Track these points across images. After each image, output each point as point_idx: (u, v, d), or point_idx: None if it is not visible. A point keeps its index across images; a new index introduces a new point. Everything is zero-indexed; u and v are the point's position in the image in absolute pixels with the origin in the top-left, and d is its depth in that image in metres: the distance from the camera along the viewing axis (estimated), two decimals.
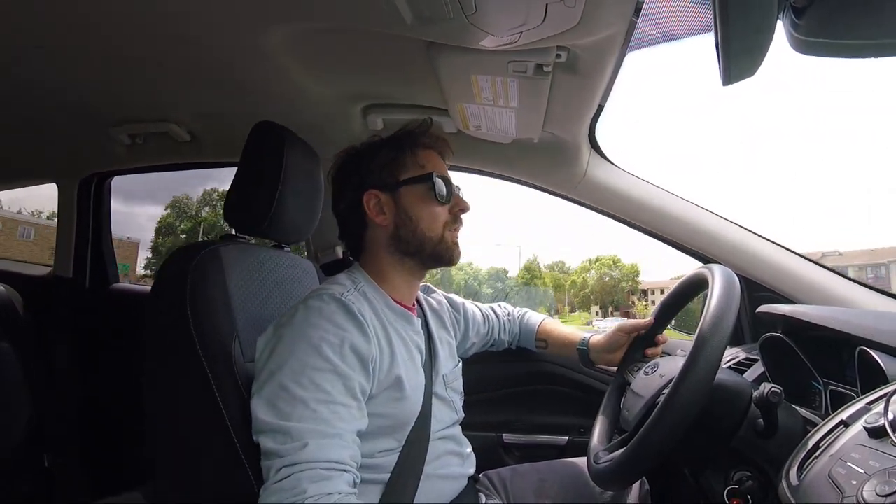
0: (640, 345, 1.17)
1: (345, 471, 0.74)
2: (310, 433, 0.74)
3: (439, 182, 0.99)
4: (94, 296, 2.09)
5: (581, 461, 1.12)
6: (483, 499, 1.08)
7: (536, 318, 1.35)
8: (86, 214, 2.08)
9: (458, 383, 1.11)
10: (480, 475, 1.17)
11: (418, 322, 1.03)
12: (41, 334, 1.90)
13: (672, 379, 0.78)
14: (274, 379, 0.78)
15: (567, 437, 1.62)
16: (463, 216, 1.04)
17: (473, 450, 1.11)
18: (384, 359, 0.88)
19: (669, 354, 1.13)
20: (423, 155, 1.02)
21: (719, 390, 0.81)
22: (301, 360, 0.79)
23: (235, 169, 1.10)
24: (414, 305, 1.07)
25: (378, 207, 0.99)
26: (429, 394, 0.98)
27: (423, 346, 1.01)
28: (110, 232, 2.21)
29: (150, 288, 1.01)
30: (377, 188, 0.99)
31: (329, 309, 0.84)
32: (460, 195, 1.04)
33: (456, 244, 1.03)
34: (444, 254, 1.01)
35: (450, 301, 1.23)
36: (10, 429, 1.66)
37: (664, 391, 0.88)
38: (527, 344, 1.34)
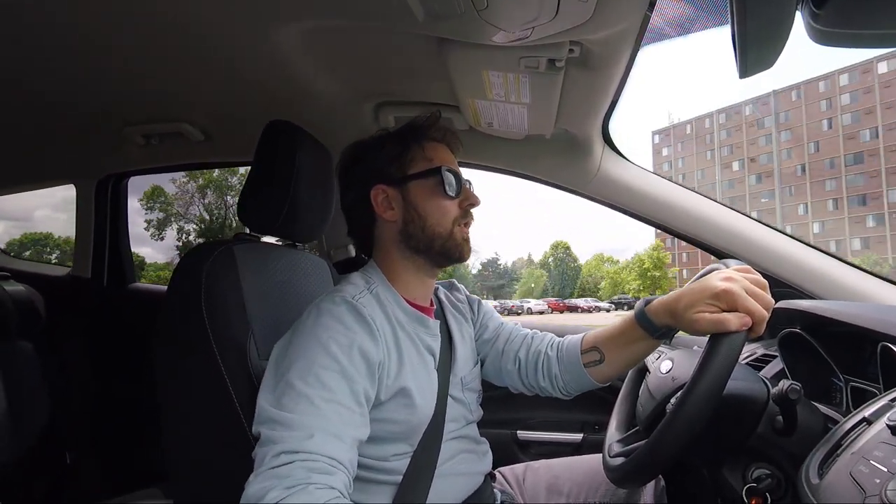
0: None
1: (344, 472, 0.72)
2: (315, 427, 0.72)
3: (448, 175, 0.96)
4: (113, 295, 2.13)
5: (596, 458, 1.12)
6: (499, 495, 1.08)
7: (576, 335, 1.09)
8: (103, 215, 2.11)
9: (477, 382, 1.09)
10: (496, 471, 1.17)
11: (435, 324, 1.01)
12: (61, 334, 1.93)
13: (684, 383, 0.77)
14: (282, 378, 0.77)
15: (582, 435, 1.62)
16: (473, 211, 1.00)
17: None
18: (392, 364, 0.87)
19: (687, 348, 1.12)
20: (430, 148, 0.99)
21: (732, 399, 0.80)
22: (309, 359, 0.78)
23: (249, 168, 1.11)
24: (431, 305, 1.04)
25: (386, 203, 0.97)
26: (443, 397, 0.96)
27: (436, 349, 0.98)
28: (127, 232, 2.24)
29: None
30: (385, 183, 0.97)
31: (339, 310, 0.84)
32: (470, 189, 1.01)
33: (466, 240, 0.99)
34: (453, 251, 0.97)
35: (468, 299, 1.18)
36: (30, 427, 1.69)
37: (675, 396, 0.88)
38: (573, 367, 1.04)
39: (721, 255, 1.45)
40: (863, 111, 55.44)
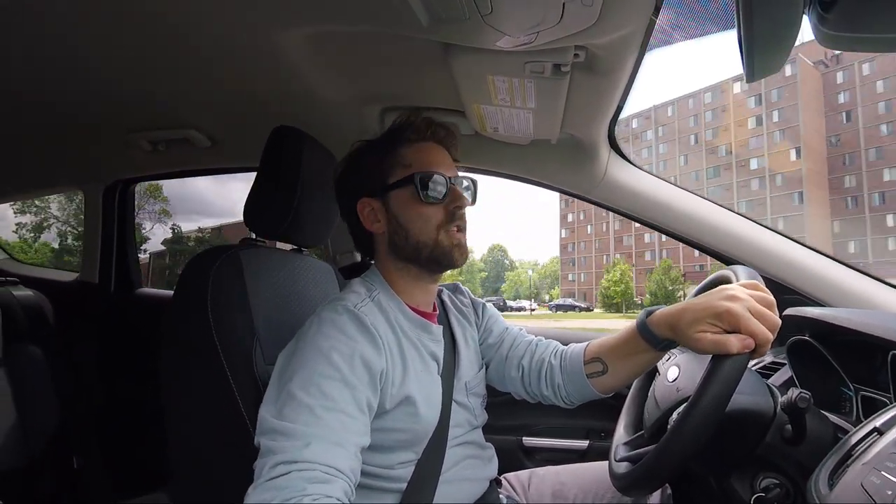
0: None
1: (344, 480, 0.71)
2: (313, 436, 0.71)
3: (426, 180, 0.91)
4: (120, 300, 2.14)
5: (602, 465, 1.10)
6: (505, 501, 1.07)
7: (579, 344, 1.07)
8: (111, 221, 2.13)
9: (482, 387, 1.08)
10: (501, 477, 1.16)
11: (438, 329, 0.99)
12: (69, 339, 1.94)
13: (688, 396, 0.76)
14: (284, 388, 0.76)
15: (588, 441, 1.61)
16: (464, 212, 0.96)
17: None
18: (395, 373, 0.86)
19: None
20: (411, 152, 0.95)
21: (736, 414, 0.79)
22: (310, 369, 0.77)
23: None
24: (434, 311, 1.03)
25: (372, 215, 0.95)
26: (448, 402, 0.95)
27: (440, 355, 0.97)
28: (134, 237, 2.25)
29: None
30: (368, 195, 0.95)
31: (341, 320, 0.83)
32: (459, 189, 0.96)
33: (456, 246, 0.94)
34: (442, 258, 0.93)
35: (473, 302, 1.17)
36: (39, 431, 1.70)
37: (679, 409, 0.86)
38: (576, 377, 1.02)
39: (729, 261, 1.44)
40: (721, 127, 60.19)
